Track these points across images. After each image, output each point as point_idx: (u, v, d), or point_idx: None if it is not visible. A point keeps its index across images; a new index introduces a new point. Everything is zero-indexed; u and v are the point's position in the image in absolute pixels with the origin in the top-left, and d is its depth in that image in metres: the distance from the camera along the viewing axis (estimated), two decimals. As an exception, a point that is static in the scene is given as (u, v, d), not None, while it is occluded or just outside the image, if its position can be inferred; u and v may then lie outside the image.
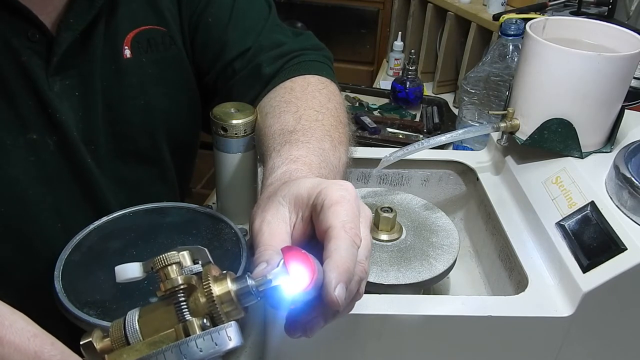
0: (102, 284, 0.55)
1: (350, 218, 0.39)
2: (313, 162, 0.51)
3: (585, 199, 0.54)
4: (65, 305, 0.52)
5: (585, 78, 0.57)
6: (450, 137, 0.64)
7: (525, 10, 1.21)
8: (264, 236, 0.40)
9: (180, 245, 0.57)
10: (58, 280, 0.55)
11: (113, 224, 0.64)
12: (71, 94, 0.60)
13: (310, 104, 0.62)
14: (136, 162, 0.69)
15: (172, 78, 0.68)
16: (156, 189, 0.73)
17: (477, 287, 0.68)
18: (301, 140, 0.55)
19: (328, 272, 0.36)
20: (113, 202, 0.67)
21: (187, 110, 0.72)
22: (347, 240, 0.38)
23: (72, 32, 0.58)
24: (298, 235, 0.42)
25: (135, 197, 0.69)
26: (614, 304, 0.50)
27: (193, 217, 0.66)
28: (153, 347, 0.33)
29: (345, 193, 0.40)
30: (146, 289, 0.55)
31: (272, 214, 0.42)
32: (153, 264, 0.36)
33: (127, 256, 0.59)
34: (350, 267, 0.37)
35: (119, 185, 0.68)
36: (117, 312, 0.52)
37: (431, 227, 0.64)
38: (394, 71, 1.54)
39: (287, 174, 0.49)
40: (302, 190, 0.42)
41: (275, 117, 0.61)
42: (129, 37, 0.63)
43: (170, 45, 0.67)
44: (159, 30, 0.66)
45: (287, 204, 0.42)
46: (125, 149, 0.67)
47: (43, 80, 0.57)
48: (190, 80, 0.71)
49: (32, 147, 0.59)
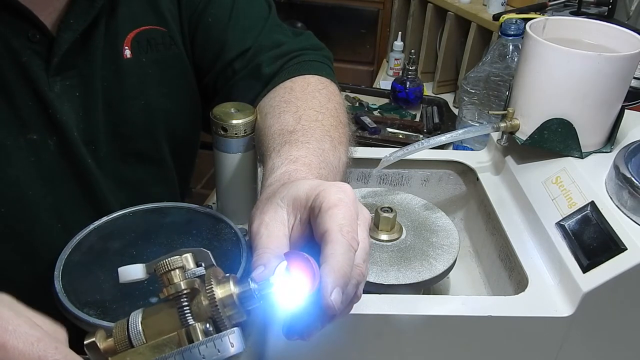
0: (102, 284, 0.55)
1: (347, 221, 0.39)
2: (313, 163, 0.51)
3: (585, 199, 0.54)
4: (65, 305, 0.52)
5: (585, 78, 0.57)
6: (450, 137, 0.64)
7: (525, 10, 1.21)
8: (262, 239, 0.40)
9: (181, 247, 0.57)
10: (58, 280, 0.55)
11: (113, 224, 0.64)
12: (72, 94, 0.60)
13: (310, 104, 0.62)
14: (137, 162, 0.69)
15: (172, 78, 0.68)
16: (157, 189, 0.73)
17: (477, 287, 0.68)
18: (301, 141, 0.55)
19: (324, 277, 0.36)
20: (113, 202, 0.67)
21: (187, 111, 0.72)
22: (344, 245, 0.38)
23: (72, 33, 0.58)
24: (296, 237, 0.42)
25: (136, 197, 0.69)
26: (614, 304, 0.50)
27: (193, 217, 0.66)
28: (157, 351, 0.34)
29: (343, 196, 0.40)
30: (146, 289, 0.55)
31: (270, 216, 0.42)
32: (156, 268, 0.36)
33: (127, 256, 0.59)
34: (346, 271, 0.37)
35: (119, 186, 0.68)
36: (117, 312, 0.52)
37: (431, 227, 0.64)
38: (394, 71, 1.54)
39: (287, 175, 0.49)
40: (301, 192, 0.42)
41: (275, 117, 0.61)
42: (129, 37, 0.63)
43: (170, 45, 0.67)
44: (159, 31, 0.66)
45: (286, 206, 0.42)
46: (126, 149, 0.67)
47: (43, 80, 0.57)
48: (190, 81, 0.71)
49: (32, 148, 0.59)
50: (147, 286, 0.55)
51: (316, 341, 0.51)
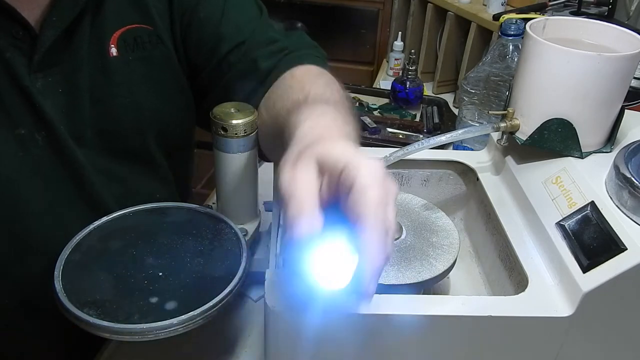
0: (102, 284, 0.55)
1: (382, 207, 0.39)
2: (338, 118, 0.51)
3: (585, 199, 0.54)
4: (65, 305, 0.52)
5: (585, 78, 0.57)
6: (450, 137, 0.64)
7: (525, 10, 1.21)
8: (297, 192, 0.39)
9: (181, 247, 0.57)
10: (58, 280, 0.55)
11: (113, 224, 0.64)
12: (54, 90, 0.60)
13: (315, 85, 0.63)
14: (126, 159, 0.69)
15: (159, 77, 0.68)
16: (150, 185, 0.73)
17: (477, 287, 0.68)
18: (318, 103, 0.55)
19: (364, 267, 0.38)
20: (106, 196, 0.67)
21: (177, 109, 0.73)
22: (380, 233, 0.38)
23: (55, 30, 0.58)
24: (321, 199, 0.41)
25: (129, 191, 0.69)
26: (614, 304, 0.50)
27: (193, 217, 0.66)
28: None
29: (376, 173, 0.40)
30: (146, 289, 0.55)
31: (301, 171, 0.41)
32: None
33: (127, 256, 0.59)
34: (382, 260, 0.38)
35: (111, 180, 0.68)
36: (117, 312, 0.52)
37: (431, 227, 0.64)
38: (394, 71, 1.54)
39: (317, 130, 0.48)
40: (332, 156, 0.41)
41: (284, 100, 0.62)
42: (115, 36, 0.64)
43: (157, 43, 0.67)
44: (146, 29, 0.66)
45: (315, 165, 0.42)
46: (115, 146, 0.67)
47: (25, 76, 0.58)
48: (179, 79, 0.71)
49: (21, 143, 0.59)
50: (147, 286, 0.55)
51: (316, 341, 0.51)
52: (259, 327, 0.68)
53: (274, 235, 0.59)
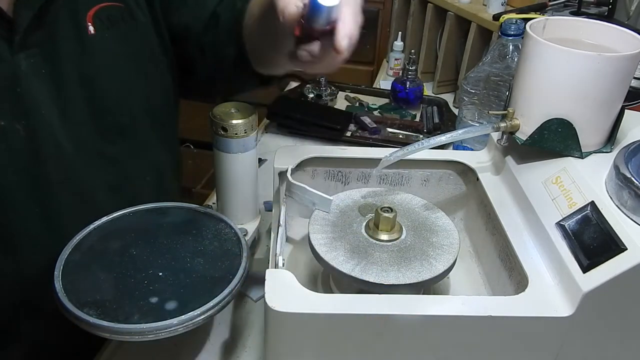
0: (102, 284, 0.55)
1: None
2: None
3: (585, 199, 0.54)
4: (65, 305, 0.52)
5: (585, 78, 0.57)
6: (450, 137, 0.64)
7: (525, 10, 1.21)
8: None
9: (181, 247, 0.57)
10: (58, 280, 0.55)
11: (113, 224, 0.64)
12: (38, 71, 0.60)
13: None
14: (117, 137, 0.69)
15: (137, 52, 0.70)
16: (137, 165, 0.73)
17: (477, 287, 0.68)
18: None
19: (339, 28, 0.49)
20: (92, 182, 0.67)
21: (159, 82, 0.74)
22: (353, 14, 0.51)
23: (29, 10, 0.58)
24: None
25: (117, 175, 0.69)
26: (614, 304, 0.50)
27: (193, 217, 0.66)
28: None
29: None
30: (146, 289, 0.55)
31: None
32: None
33: (127, 256, 0.59)
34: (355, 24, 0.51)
35: (100, 164, 0.68)
36: (117, 312, 0.52)
37: (431, 227, 0.64)
38: (394, 71, 1.54)
39: None
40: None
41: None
42: (90, 14, 0.65)
43: (129, 19, 0.68)
44: (116, 7, 0.67)
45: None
46: (106, 124, 0.67)
47: (8, 60, 0.58)
48: (157, 52, 0.73)
49: (1, 135, 0.59)
50: (147, 286, 0.55)
51: (316, 341, 0.51)
52: (259, 327, 0.68)
53: (274, 235, 0.59)
